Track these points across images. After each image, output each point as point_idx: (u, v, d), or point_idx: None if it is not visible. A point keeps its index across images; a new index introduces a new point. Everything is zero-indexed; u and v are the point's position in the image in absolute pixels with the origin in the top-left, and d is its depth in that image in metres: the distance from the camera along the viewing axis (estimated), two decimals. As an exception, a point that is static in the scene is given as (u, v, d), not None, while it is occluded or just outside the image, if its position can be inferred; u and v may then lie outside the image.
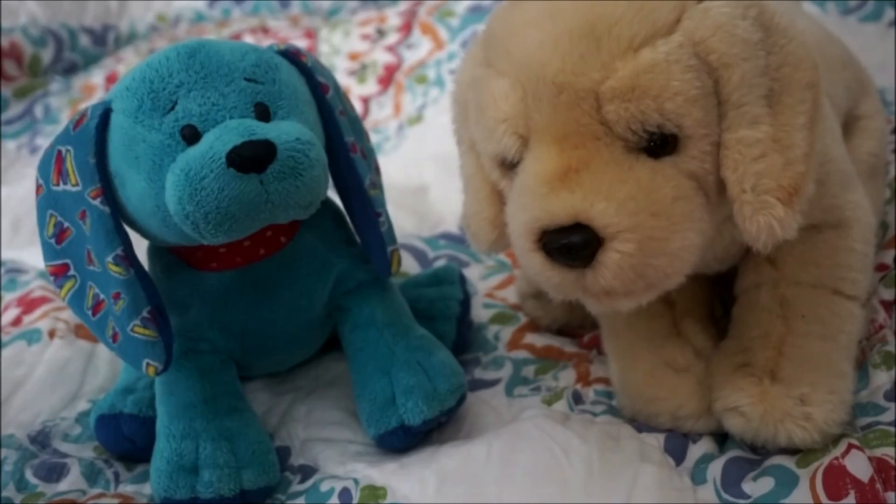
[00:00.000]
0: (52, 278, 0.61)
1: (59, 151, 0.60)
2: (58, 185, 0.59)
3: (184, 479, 0.60)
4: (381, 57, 1.26)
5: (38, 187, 0.61)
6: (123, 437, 0.68)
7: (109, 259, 0.58)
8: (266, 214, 0.56)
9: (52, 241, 0.60)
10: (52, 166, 0.60)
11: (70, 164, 0.59)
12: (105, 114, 0.59)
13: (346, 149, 0.64)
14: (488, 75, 0.54)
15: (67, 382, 0.77)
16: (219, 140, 0.55)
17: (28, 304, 0.86)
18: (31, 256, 0.98)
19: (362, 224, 0.66)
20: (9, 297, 0.89)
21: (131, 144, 0.57)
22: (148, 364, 0.59)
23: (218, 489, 0.60)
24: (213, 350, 0.65)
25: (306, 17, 1.41)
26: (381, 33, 1.29)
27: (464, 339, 0.74)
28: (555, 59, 0.50)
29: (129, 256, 0.58)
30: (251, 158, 0.54)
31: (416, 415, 0.62)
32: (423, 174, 1.02)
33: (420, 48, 1.24)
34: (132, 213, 0.59)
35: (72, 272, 0.60)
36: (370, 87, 1.24)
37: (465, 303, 0.76)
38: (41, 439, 0.70)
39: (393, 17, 1.30)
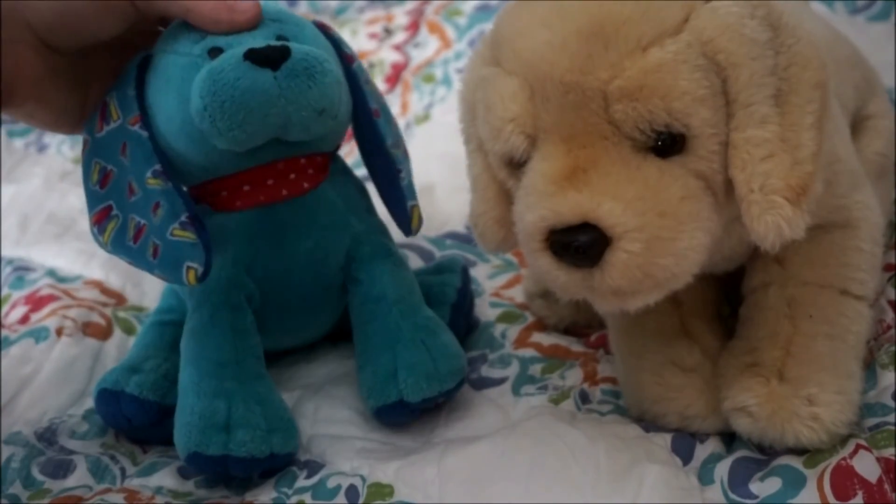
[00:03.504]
0: (94, 229, 0.63)
1: (105, 101, 0.64)
2: (101, 130, 0.63)
3: (216, 436, 0.61)
4: (389, 56, 1.26)
5: (85, 143, 0.64)
6: (121, 415, 0.69)
7: (149, 175, 0.61)
8: (279, 110, 0.59)
9: (97, 187, 0.63)
10: (97, 117, 0.64)
11: (113, 105, 0.63)
12: (146, 57, 0.63)
13: (369, 113, 0.67)
14: (496, 74, 0.54)
15: (75, 380, 0.77)
16: (241, 46, 0.60)
17: (36, 303, 0.86)
18: (39, 254, 0.99)
19: (384, 181, 0.69)
20: (17, 295, 0.89)
21: (164, 70, 0.62)
22: (188, 268, 0.59)
23: (251, 449, 0.61)
24: (239, 304, 0.66)
25: (313, 15, 1.42)
26: (388, 32, 1.29)
27: (457, 326, 0.73)
28: (563, 59, 0.50)
29: (166, 172, 0.61)
30: (267, 56, 0.58)
31: (415, 392, 0.64)
32: (430, 173, 1.02)
33: (427, 47, 1.24)
34: (163, 137, 0.62)
35: (114, 212, 0.62)
36: (377, 85, 1.23)
37: (463, 291, 0.76)
38: (48, 436, 0.71)
39: (400, 16, 1.30)
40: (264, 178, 0.65)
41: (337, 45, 0.68)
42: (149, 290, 0.91)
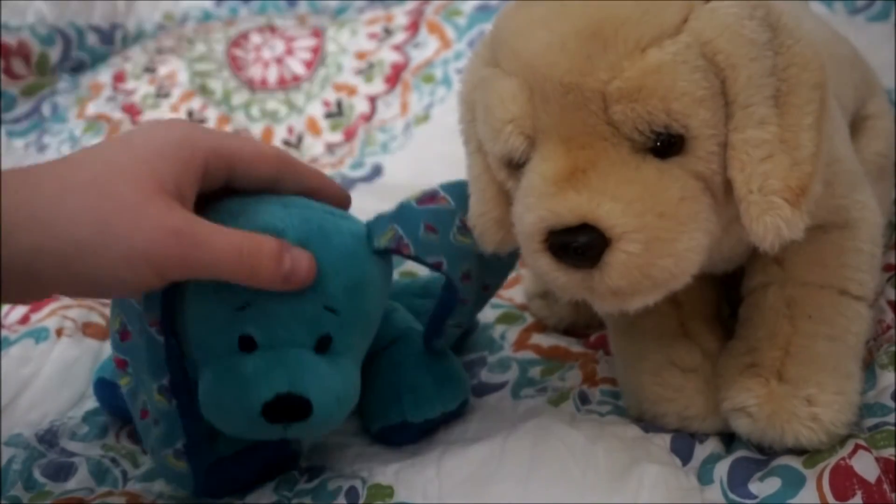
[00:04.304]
0: (115, 368, 0.61)
1: None
2: None
3: (204, 448, 0.61)
4: (389, 56, 1.26)
5: None
6: (117, 405, 0.69)
7: (155, 387, 0.57)
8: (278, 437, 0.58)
9: (118, 337, 0.60)
10: None
11: None
12: None
13: (455, 301, 0.62)
14: (495, 75, 0.54)
15: (75, 381, 0.77)
16: (265, 379, 0.55)
17: (35, 303, 0.86)
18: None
19: (430, 325, 0.65)
20: (17, 295, 0.89)
21: (193, 316, 0.56)
22: (177, 487, 0.60)
23: (237, 444, 0.62)
24: None
25: (313, 15, 1.42)
26: (388, 32, 1.29)
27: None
28: (562, 60, 0.49)
29: (174, 387, 0.57)
30: (283, 414, 0.55)
31: (418, 413, 0.64)
32: (430, 174, 1.02)
33: (427, 47, 1.24)
34: (186, 345, 0.58)
35: (130, 370, 0.60)
36: (377, 86, 1.24)
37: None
38: (49, 438, 0.71)
39: (400, 16, 1.30)
40: None
41: (420, 260, 0.59)
42: (149, 291, 0.91)
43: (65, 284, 0.49)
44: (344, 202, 0.62)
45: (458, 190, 0.62)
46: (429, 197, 0.61)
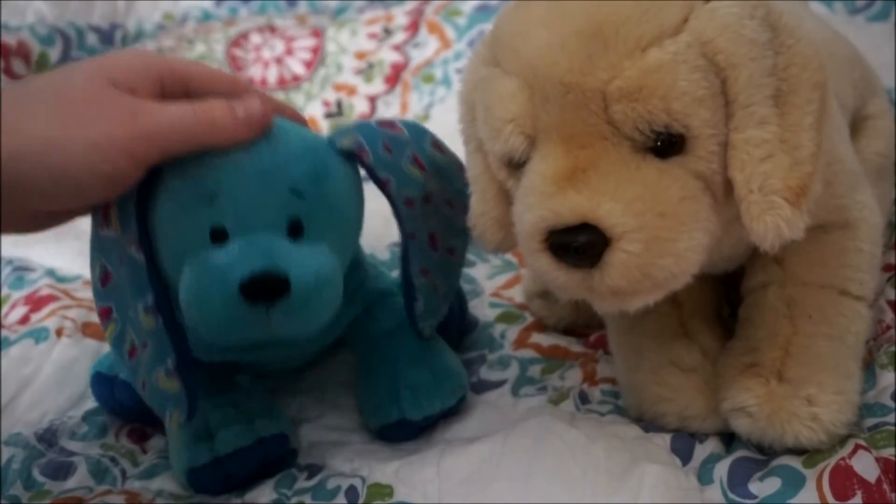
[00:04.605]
0: (100, 321, 0.61)
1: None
2: (104, 229, 0.59)
3: (202, 446, 0.62)
4: (388, 56, 1.26)
5: (92, 228, 0.60)
6: (114, 399, 0.70)
7: (140, 307, 0.57)
8: (265, 337, 0.57)
9: (98, 284, 0.60)
10: (100, 210, 0.59)
11: (113, 212, 0.58)
12: (156, 169, 0.57)
13: (405, 234, 0.64)
14: (495, 75, 0.54)
15: (75, 381, 0.77)
16: (239, 261, 0.55)
17: (35, 303, 0.86)
18: (38, 255, 0.98)
19: (405, 293, 0.66)
20: (16, 295, 0.89)
21: (166, 215, 0.57)
22: (171, 412, 0.59)
23: (235, 444, 0.62)
24: None
25: (313, 15, 1.42)
26: (387, 32, 1.29)
27: (450, 339, 0.72)
28: (563, 59, 0.50)
29: (158, 306, 0.57)
30: (263, 291, 0.55)
31: (417, 410, 0.64)
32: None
33: (427, 47, 1.25)
34: (162, 267, 0.59)
35: (115, 315, 0.60)
36: (377, 86, 1.24)
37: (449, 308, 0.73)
38: (48, 437, 0.71)
39: (400, 16, 1.30)
40: None
41: (371, 171, 0.62)
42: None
43: (45, 186, 0.51)
44: (302, 123, 0.64)
45: (413, 127, 0.67)
46: (388, 123, 0.64)
